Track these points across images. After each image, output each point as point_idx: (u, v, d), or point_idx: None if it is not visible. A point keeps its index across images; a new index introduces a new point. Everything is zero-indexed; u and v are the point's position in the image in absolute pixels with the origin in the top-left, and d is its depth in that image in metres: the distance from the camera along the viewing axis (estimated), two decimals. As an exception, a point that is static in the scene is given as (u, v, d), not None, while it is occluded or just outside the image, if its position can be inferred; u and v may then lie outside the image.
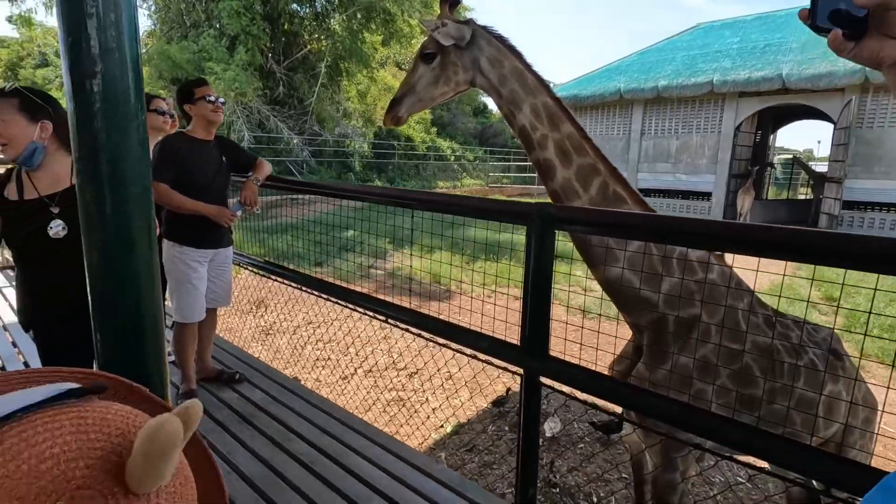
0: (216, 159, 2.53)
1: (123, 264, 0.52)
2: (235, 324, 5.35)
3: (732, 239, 0.98)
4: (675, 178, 14.40)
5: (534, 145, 1.68)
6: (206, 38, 14.82)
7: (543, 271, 1.10)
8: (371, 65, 18.79)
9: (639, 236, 1.01)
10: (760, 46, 13.33)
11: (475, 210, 1.33)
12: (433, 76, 1.77)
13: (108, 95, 0.49)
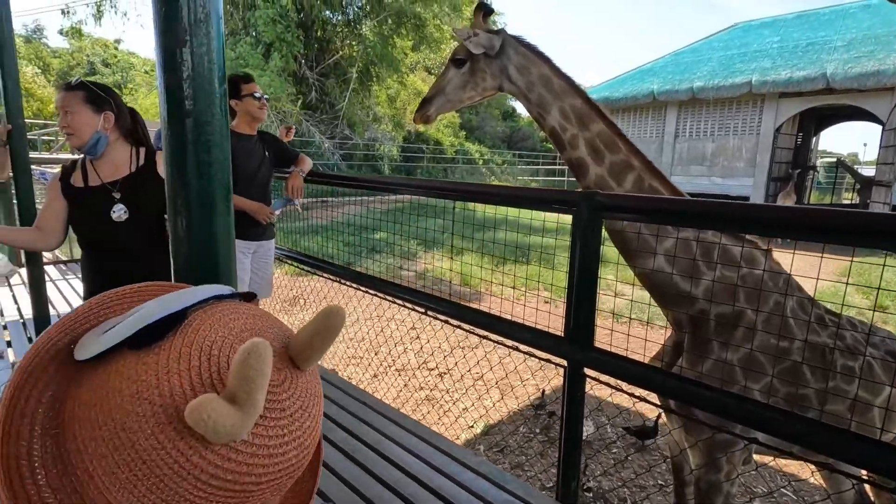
0: (259, 153, 2.60)
1: (204, 227, 0.54)
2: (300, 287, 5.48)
3: (784, 223, 0.95)
4: (711, 181, 14.01)
5: (565, 145, 1.74)
6: (243, 45, 15.30)
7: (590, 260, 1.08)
8: (401, 69, 19.01)
9: (687, 222, 0.99)
10: (802, 45, 12.86)
11: (520, 199, 1.32)
12: (462, 80, 1.87)
13: (196, 65, 0.52)
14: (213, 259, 0.55)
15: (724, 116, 13.56)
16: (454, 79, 1.88)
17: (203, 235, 0.54)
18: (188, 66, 0.51)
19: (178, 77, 0.51)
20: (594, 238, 1.10)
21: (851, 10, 13.70)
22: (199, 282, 0.55)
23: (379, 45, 17.48)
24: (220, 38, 0.53)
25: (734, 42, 14.81)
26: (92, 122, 1.62)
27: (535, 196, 1.29)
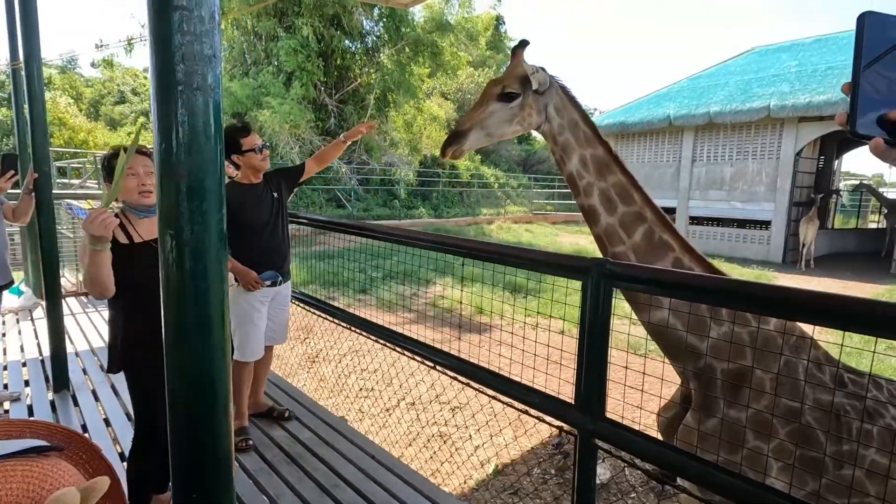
0: (269, 197, 2.60)
1: (197, 270, 0.52)
2: (284, 350, 5.49)
3: (817, 310, 0.89)
4: (730, 205, 13.79)
5: (579, 191, 1.77)
6: (265, 74, 15.79)
7: (600, 329, 1.06)
8: (418, 96, 19.36)
9: (706, 300, 0.95)
10: (821, 69, 12.74)
11: (530, 262, 1.30)
12: (509, 115, 1.82)
13: (192, 110, 0.48)
14: (204, 293, 0.52)
15: (743, 141, 13.42)
16: (498, 112, 1.81)
17: (195, 274, 0.52)
18: (183, 131, 0.49)
19: (173, 122, 0.48)
20: (605, 307, 1.07)
21: (871, 34, 13.55)
22: (185, 319, 0.54)
23: (396, 73, 17.88)
24: (218, 105, 0.51)
25: (751, 67, 14.75)
26: None
27: (544, 259, 1.26)
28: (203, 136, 0.44)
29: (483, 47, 24.72)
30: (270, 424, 2.73)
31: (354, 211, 15.51)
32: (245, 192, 2.53)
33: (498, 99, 1.81)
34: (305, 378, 4.97)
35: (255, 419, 2.78)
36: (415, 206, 17.85)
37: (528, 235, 16.03)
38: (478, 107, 1.82)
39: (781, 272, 11.21)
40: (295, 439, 2.53)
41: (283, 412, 2.85)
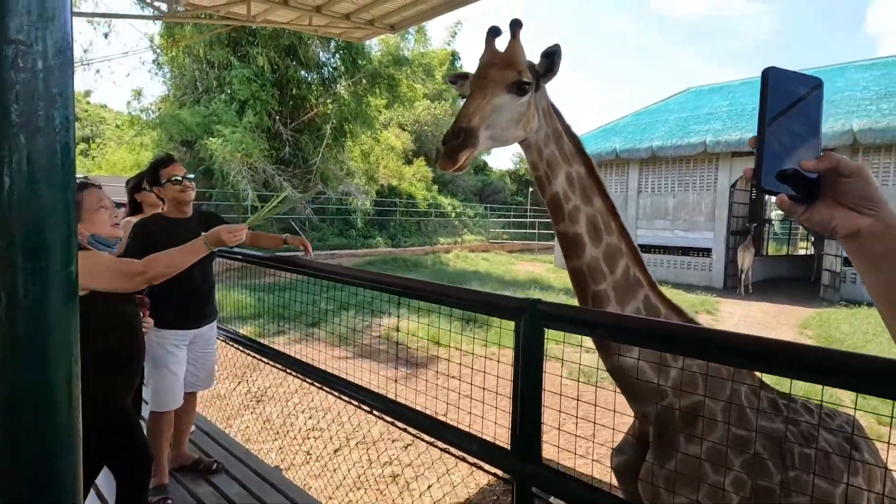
0: (193, 236, 2.48)
1: (35, 336, 0.44)
2: (225, 389, 5.19)
3: (745, 352, 0.90)
4: (674, 234, 14.50)
5: (564, 216, 1.50)
6: (217, 102, 15.49)
7: (533, 371, 1.03)
8: (375, 126, 19.50)
9: (637, 342, 0.94)
10: (749, 109, 13.82)
11: (465, 302, 1.27)
12: (518, 114, 1.41)
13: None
14: (43, 380, 0.44)
15: (683, 174, 14.25)
16: (509, 108, 1.39)
17: (34, 353, 0.43)
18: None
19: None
20: (537, 348, 1.05)
21: (790, 79, 14.90)
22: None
23: (353, 104, 17.99)
24: (67, 147, 0.44)
25: (688, 105, 15.82)
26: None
27: (478, 300, 1.22)
28: (44, 184, 0.39)
29: (439, 81, 25.37)
30: (196, 479, 2.50)
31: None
32: (169, 226, 2.40)
33: (507, 89, 1.38)
34: (249, 420, 4.70)
35: (178, 474, 2.54)
36: (372, 236, 17.71)
37: (484, 264, 16.17)
38: (478, 96, 1.35)
39: (723, 297, 11.77)
40: (222, 496, 2.32)
41: (211, 465, 2.63)
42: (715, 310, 10.23)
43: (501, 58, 1.44)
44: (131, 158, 15.29)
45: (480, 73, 1.42)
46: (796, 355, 0.79)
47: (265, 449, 4.15)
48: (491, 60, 1.44)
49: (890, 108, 11.22)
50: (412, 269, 14.08)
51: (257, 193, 14.97)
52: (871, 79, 12.86)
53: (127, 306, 1.81)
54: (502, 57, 1.44)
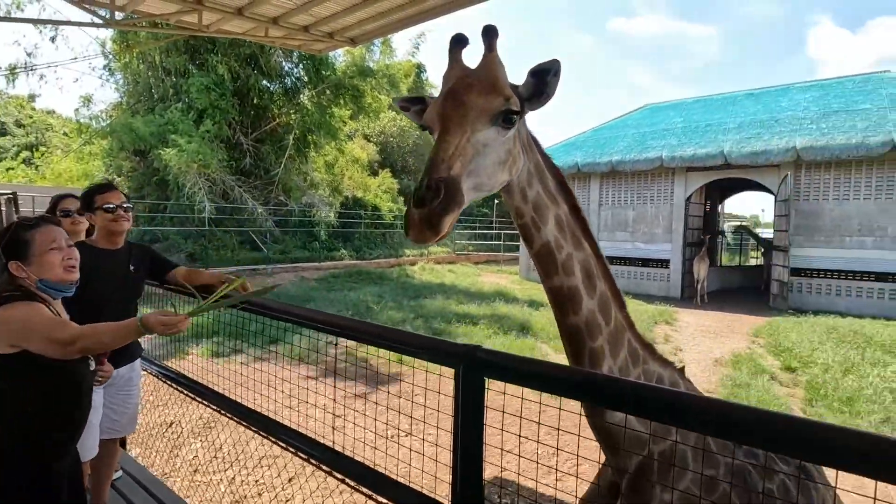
0: (122, 268, 2.30)
1: None
2: (175, 414, 4.90)
3: (671, 410, 0.84)
4: (634, 246, 14.89)
5: (557, 268, 1.24)
6: (173, 111, 14.95)
7: (474, 424, 0.96)
8: (339, 137, 19.28)
9: (571, 395, 0.89)
10: (703, 126, 14.43)
11: (404, 346, 1.19)
12: (506, 152, 1.11)
13: None
14: None
15: (642, 187, 14.70)
16: (495, 147, 1.08)
17: None
18: None
19: None
20: (477, 399, 0.98)
21: (738, 98, 15.69)
22: None
23: (317, 114, 17.74)
24: None
25: (645, 121, 16.38)
26: None
27: (417, 343, 1.14)
28: None
29: (405, 92, 25.40)
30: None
31: (271, 254, 14.77)
32: (94, 256, 2.21)
33: (492, 121, 1.07)
34: (199, 448, 4.44)
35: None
36: (336, 248, 17.41)
37: (450, 276, 16.14)
38: (456, 132, 1.02)
39: (681, 307, 12.13)
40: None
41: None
42: (673, 320, 10.52)
43: (480, 78, 1.09)
44: (79, 168, 14.53)
45: (455, 98, 1.06)
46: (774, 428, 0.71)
47: (214, 481, 3.92)
48: (466, 82, 1.09)
49: (829, 127, 11.93)
50: (377, 282, 13.88)
51: (215, 205, 14.48)
52: (812, 99, 13.67)
53: (79, 366, 1.61)
54: (481, 77, 1.10)
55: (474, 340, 7.81)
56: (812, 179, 12.17)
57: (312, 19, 5.42)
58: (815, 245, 12.06)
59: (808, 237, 12.13)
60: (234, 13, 5.04)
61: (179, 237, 14.04)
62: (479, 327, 8.53)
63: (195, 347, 6.92)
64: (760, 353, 7.83)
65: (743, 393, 5.72)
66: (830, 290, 11.95)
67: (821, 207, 12.01)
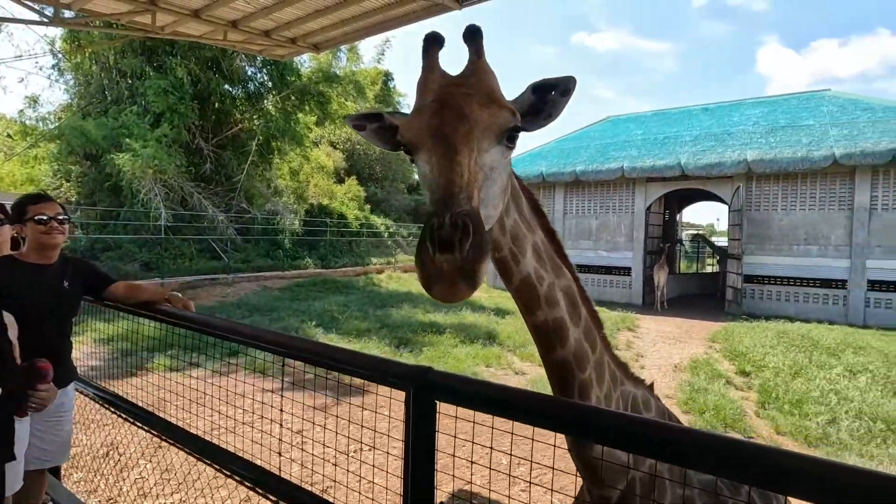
0: (54, 284, 2.14)
1: None
2: (122, 436, 4.62)
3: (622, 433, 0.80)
4: (597, 254, 15.22)
5: (540, 302, 1.12)
6: (127, 114, 14.35)
7: (424, 451, 0.92)
8: (304, 144, 18.97)
9: (527, 420, 0.85)
10: (661, 138, 14.96)
11: (352, 367, 1.13)
12: (507, 176, 1.00)
13: None
14: None
15: (604, 197, 15.08)
16: (502, 169, 0.95)
17: None
18: None
19: None
20: (428, 423, 0.94)
21: (694, 112, 16.37)
22: None
23: (281, 120, 17.40)
24: None
25: (607, 133, 16.86)
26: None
27: (362, 363, 1.08)
28: None
29: (371, 100, 25.27)
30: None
31: (231, 262, 14.31)
32: (22, 271, 2.07)
33: (498, 139, 0.91)
34: (147, 470, 4.20)
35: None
36: (300, 257, 17.04)
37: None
38: (463, 150, 0.85)
39: (642, 313, 12.46)
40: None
41: None
42: (635, 326, 10.77)
43: (475, 87, 0.92)
44: (23, 172, 13.72)
45: (453, 110, 0.87)
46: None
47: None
48: (462, 91, 0.91)
49: (776, 142, 12.58)
50: (343, 291, 13.65)
51: (172, 212, 13.93)
52: (761, 114, 14.40)
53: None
54: (476, 86, 0.93)
55: (441, 350, 7.75)
56: (762, 190, 12.78)
57: (274, 24, 5.31)
58: (766, 253, 12.65)
59: (760, 245, 12.71)
60: (191, 15, 4.88)
61: (134, 245, 13.42)
62: (446, 336, 8.49)
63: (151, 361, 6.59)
64: (717, 358, 8.10)
65: (701, 398, 5.88)
66: (780, 296, 12.54)
67: (770, 217, 12.62)
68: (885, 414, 5.33)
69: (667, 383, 6.74)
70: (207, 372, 6.00)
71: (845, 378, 6.69)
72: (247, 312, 10.34)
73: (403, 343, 8.12)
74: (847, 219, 11.66)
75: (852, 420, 5.23)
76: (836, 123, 12.39)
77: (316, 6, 4.92)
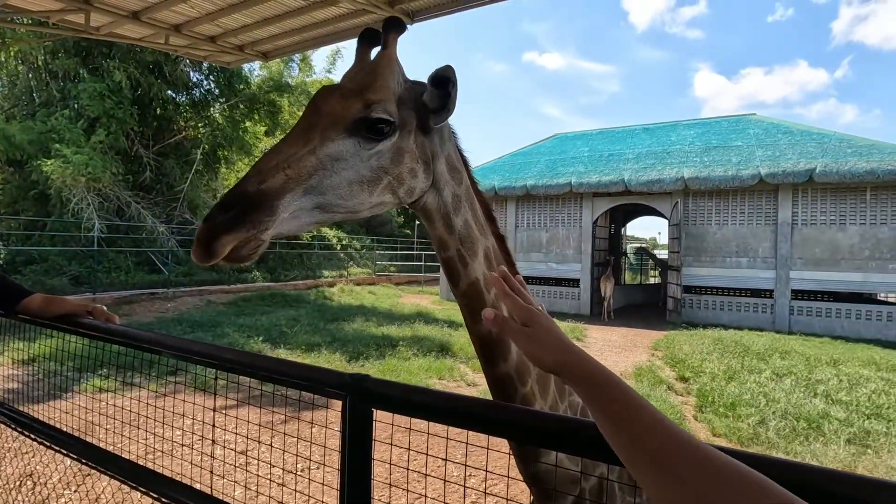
0: None
1: None
2: (43, 465, 4.24)
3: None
4: (548, 266, 15.62)
5: (487, 307, 1.15)
6: (58, 118, 13.44)
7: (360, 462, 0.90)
8: (253, 153, 18.45)
9: (461, 424, 0.85)
10: (606, 155, 15.66)
11: (278, 376, 1.10)
12: (370, 169, 1.04)
13: None
14: None
15: (554, 210, 15.55)
16: (354, 161, 1.01)
17: None
18: None
19: None
20: (364, 434, 0.92)
21: (636, 131, 17.27)
22: None
23: (228, 128, 16.88)
24: None
25: (555, 149, 17.45)
26: None
27: (294, 373, 1.05)
28: None
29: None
30: None
31: (172, 276, 13.58)
32: None
33: (349, 131, 0.93)
34: (74, 499, 3.88)
35: None
36: (248, 270, 16.43)
37: (370, 297, 15.85)
38: (296, 142, 0.90)
39: (590, 324, 12.86)
40: None
41: None
42: (584, 336, 11.10)
43: (355, 79, 0.98)
44: (-67, 178, 12.54)
45: (313, 103, 0.95)
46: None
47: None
48: (338, 84, 0.99)
49: (710, 161, 13.47)
50: (293, 305, 13.26)
51: (107, 223, 13.10)
52: (696, 135, 15.39)
53: None
54: (357, 78, 0.98)
55: (393, 363, 7.66)
56: (698, 206, 13.61)
57: (220, 30, 5.16)
58: (702, 265, 13.43)
59: (697, 258, 13.49)
60: (129, 17, 4.67)
61: (62, 258, 12.48)
62: (399, 349, 8.41)
63: (84, 383, 6.12)
64: (659, 365, 8.47)
65: (644, 403, 6.12)
66: (716, 305, 13.32)
67: (706, 231, 13.44)
68: (807, 413, 5.75)
69: (613, 391, 6.96)
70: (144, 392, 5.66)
71: (773, 381, 7.17)
72: (188, 328, 9.82)
73: (355, 357, 7.97)
74: (772, 233, 12.61)
75: (779, 420, 5.60)
76: (762, 145, 13.44)
77: (264, 14, 4.84)
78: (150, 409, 3.07)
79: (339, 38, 5.36)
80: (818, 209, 12.19)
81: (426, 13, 4.66)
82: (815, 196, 12.22)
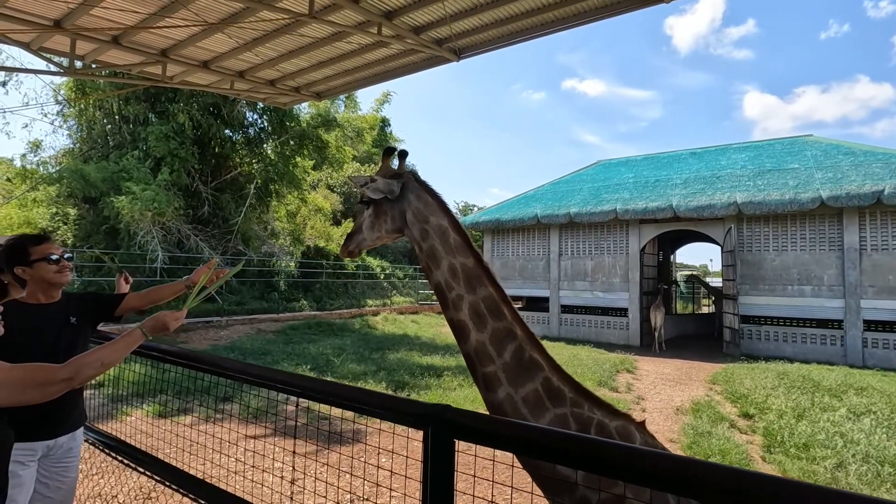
0: (59, 322, 2.11)
1: None
2: (109, 486, 4.43)
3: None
4: (594, 295, 15.23)
5: (448, 304, 1.66)
6: (128, 158, 14.58)
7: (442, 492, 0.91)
8: (302, 187, 19.24)
9: (566, 462, 0.85)
10: (652, 181, 15.32)
11: (367, 407, 1.13)
12: (370, 222, 1.87)
13: None
14: None
15: (599, 238, 15.26)
16: (366, 219, 1.89)
17: None
18: None
19: None
20: (447, 464, 0.93)
21: (683, 156, 16.86)
22: None
23: (280, 164, 17.72)
24: None
25: (599, 176, 17.26)
26: None
27: (377, 403, 1.07)
28: None
29: (369, 144, 25.87)
30: None
31: (226, 305, 14.17)
32: (28, 315, 2.03)
33: (364, 206, 1.91)
34: (136, 522, 4.01)
35: None
36: (296, 299, 16.92)
37: (413, 327, 15.91)
38: (360, 213, 1.94)
39: (640, 355, 12.34)
40: None
41: None
42: (634, 368, 10.65)
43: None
44: (20, 215, 13.74)
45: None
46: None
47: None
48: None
49: (764, 184, 12.92)
50: (338, 334, 13.49)
51: (169, 254, 13.92)
52: (748, 159, 14.85)
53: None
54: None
55: (438, 393, 7.60)
56: (753, 232, 13.00)
57: (279, 74, 5.52)
58: (760, 293, 12.72)
59: (754, 286, 12.80)
60: (200, 66, 5.08)
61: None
62: (444, 379, 8.35)
63: (138, 408, 6.41)
64: (719, 401, 7.99)
65: (705, 442, 5.76)
66: (778, 336, 12.51)
67: (763, 258, 12.78)
68: (893, 457, 5.23)
69: (669, 426, 6.61)
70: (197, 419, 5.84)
71: (849, 420, 6.59)
72: (240, 356, 10.15)
73: (401, 386, 7.97)
74: (838, 259, 11.83)
75: (860, 464, 5.12)
76: (821, 167, 12.79)
77: (320, 58, 5.14)
78: (202, 436, 3.17)
79: (388, 77, 5.60)
80: (889, 233, 11.38)
81: (472, 50, 4.82)
82: (884, 219, 11.44)
